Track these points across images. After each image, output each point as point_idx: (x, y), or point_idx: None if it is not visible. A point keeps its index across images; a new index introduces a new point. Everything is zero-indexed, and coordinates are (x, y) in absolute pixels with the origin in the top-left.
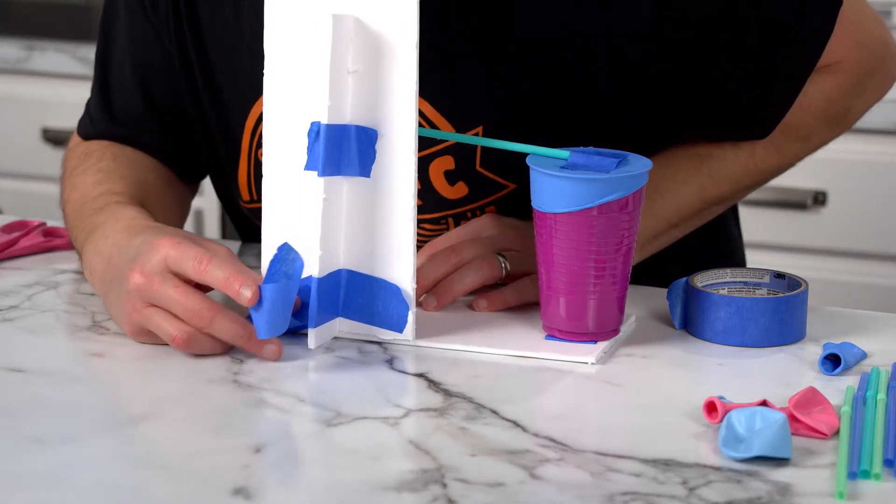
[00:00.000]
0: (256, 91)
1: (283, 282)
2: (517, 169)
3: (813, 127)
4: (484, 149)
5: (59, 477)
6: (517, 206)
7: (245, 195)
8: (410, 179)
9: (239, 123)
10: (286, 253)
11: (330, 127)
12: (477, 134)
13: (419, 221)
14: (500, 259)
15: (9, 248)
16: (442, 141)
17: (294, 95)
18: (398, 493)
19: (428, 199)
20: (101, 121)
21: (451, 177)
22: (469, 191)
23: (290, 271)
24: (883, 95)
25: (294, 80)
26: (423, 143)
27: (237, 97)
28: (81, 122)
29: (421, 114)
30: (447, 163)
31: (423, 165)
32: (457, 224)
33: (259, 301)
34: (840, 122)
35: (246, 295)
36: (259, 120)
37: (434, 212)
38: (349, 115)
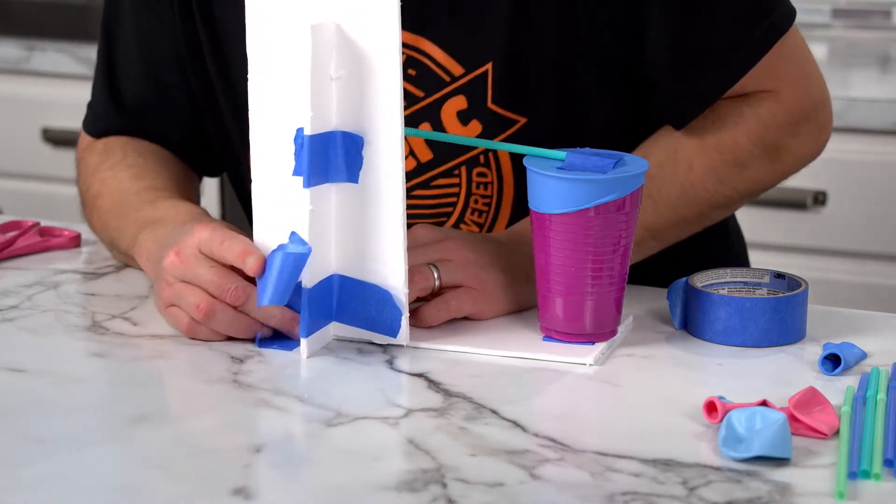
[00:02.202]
0: None
1: (288, 253)
2: (528, 102)
3: (748, 153)
4: (495, 84)
5: (59, 477)
6: (528, 141)
7: None
8: (398, 184)
9: None
10: (296, 240)
11: (314, 137)
12: (486, 72)
13: (430, 179)
14: (432, 269)
15: (6, 248)
16: (452, 81)
17: (279, 100)
18: (398, 493)
19: (440, 147)
20: (109, 115)
21: (463, 117)
22: (482, 129)
23: (297, 250)
24: (816, 151)
25: (278, 85)
26: (434, 85)
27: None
28: (87, 121)
29: (428, 56)
30: (460, 103)
31: (435, 110)
32: (469, 175)
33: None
34: (775, 157)
35: (251, 263)
36: None
37: (447, 161)
38: (335, 122)
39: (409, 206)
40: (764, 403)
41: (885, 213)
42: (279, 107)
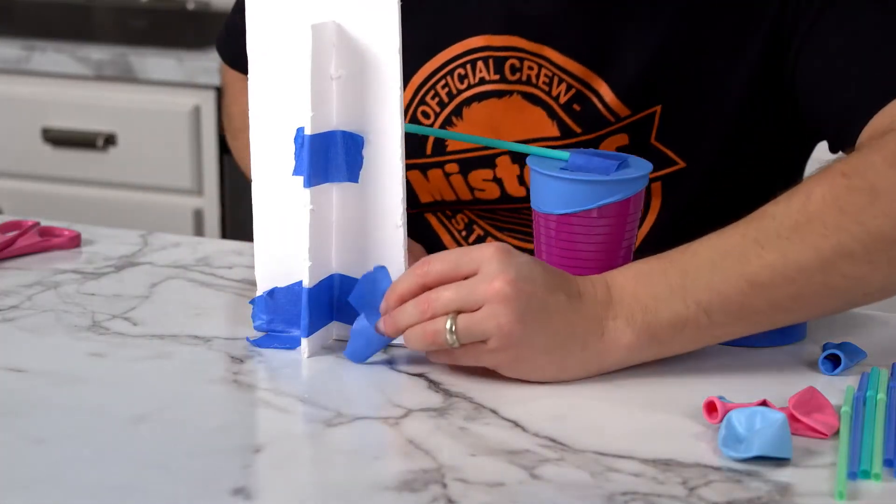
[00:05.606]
0: (431, 48)
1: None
2: (690, 146)
3: (881, 174)
4: (661, 122)
5: (59, 477)
6: (682, 184)
7: None
8: (398, 184)
9: (405, 78)
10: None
11: (314, 136)
12: (654, 113)
13: None
14: (449, 332)
15: (6, 248)
16: (617, 122)
17: (279, 100)
18: (398, 493)
19: None
20: (232, 40)
21: (624, 151)
22: None
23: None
24: None
25: (278, 84)
26: (596, 124)
27: (409, 51)
28: (219, 40)
29: (599, 97)
30: (621, 140)
31: (594, 145)
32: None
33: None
34: None
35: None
36: (426, 80)
37: None
38: (335, 121)
39: None
40: (764, 403)
41: None
42: (279, 106)
